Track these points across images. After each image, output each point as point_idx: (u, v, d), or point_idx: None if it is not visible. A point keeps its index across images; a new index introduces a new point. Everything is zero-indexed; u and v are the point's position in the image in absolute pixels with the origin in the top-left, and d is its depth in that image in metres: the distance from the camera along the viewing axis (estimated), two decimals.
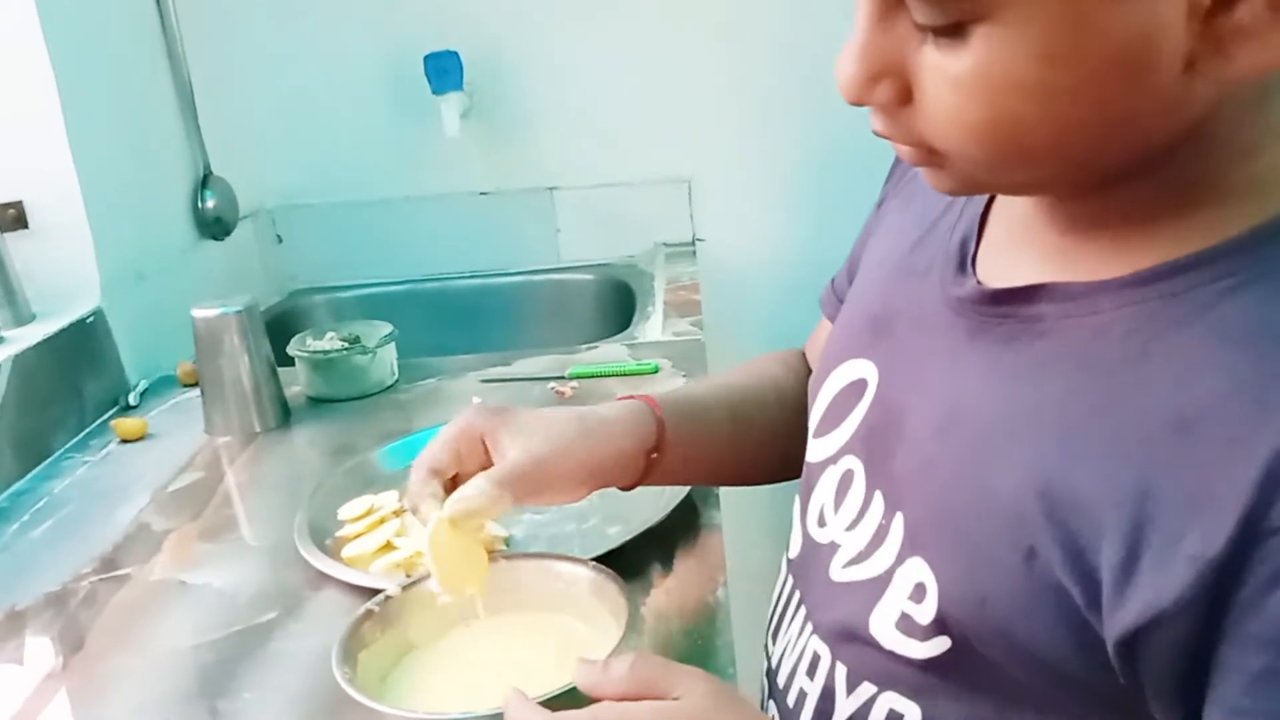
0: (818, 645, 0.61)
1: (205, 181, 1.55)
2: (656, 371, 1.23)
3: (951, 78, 0.45)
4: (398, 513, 0.92)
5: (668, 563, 0.83)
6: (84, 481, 1.09)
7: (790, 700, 0.63)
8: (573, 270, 1.74)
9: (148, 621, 0.82)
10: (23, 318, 1.22)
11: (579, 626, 0.73)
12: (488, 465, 0.69)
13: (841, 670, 0.59)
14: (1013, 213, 0.57)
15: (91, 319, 1.26)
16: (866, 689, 0.57)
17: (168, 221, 1.49)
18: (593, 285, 1.71)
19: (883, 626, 0.56)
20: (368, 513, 0.92)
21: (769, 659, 0.69)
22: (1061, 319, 0.51)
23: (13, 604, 0.85)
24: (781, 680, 0.65)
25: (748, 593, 0.95)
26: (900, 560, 0.55)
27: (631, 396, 0.77)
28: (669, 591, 0.80)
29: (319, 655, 0.74)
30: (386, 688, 0.67)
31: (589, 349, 1.34)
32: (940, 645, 0.52)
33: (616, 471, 0.72)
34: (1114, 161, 0.47)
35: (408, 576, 0.75)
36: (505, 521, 0.91)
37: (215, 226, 1.55)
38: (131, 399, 1.27)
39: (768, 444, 0.82)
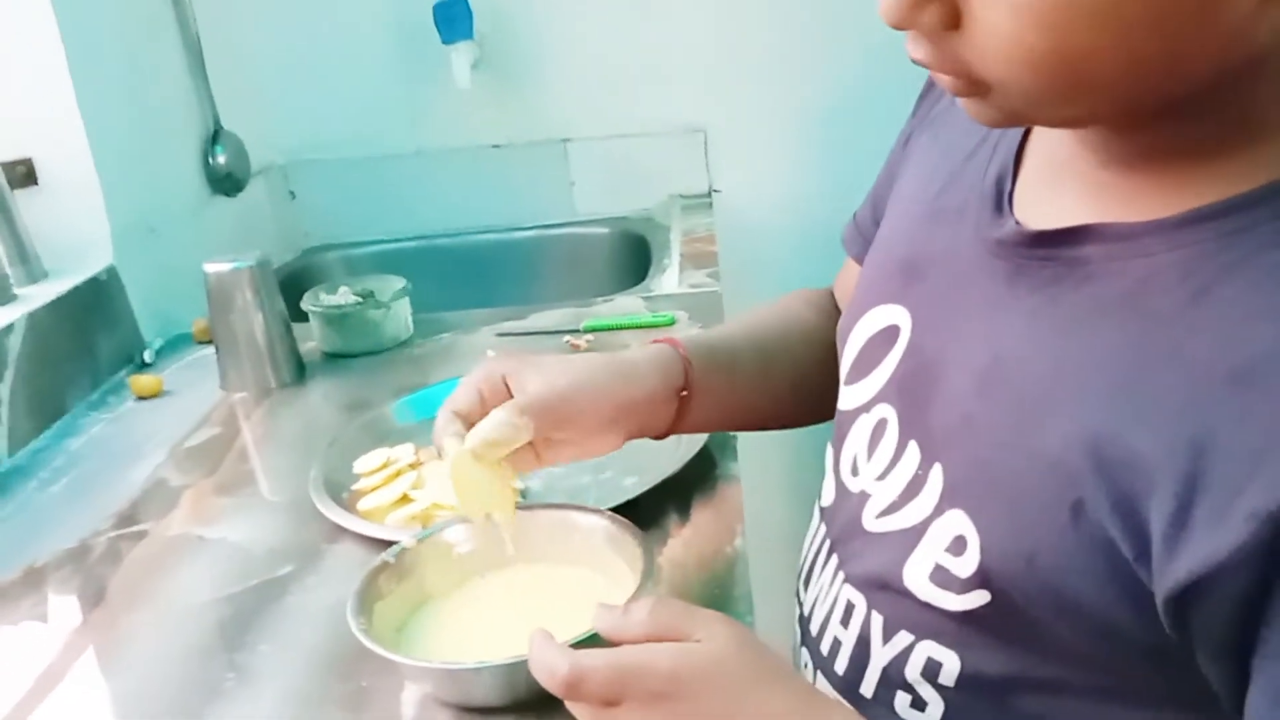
0: (851, 594, 0.61)
1: (216, 137, 1.53)
2: (673, 324, 1.22)
3: (1010, 2, 0.42)
4: (413, 465, 0.92)
5: (685, 513, 0.82)
6: (100, 439, 1.09)
7: (824, 648, 0.63)
8: (587, 224, 1.72)
9: (166, 576, 0.82)
10: (35, 275, 1.22)
11: (596, 577, 0.72)
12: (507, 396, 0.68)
13: (877, 619, 0.58)
14: (1053, 147, 0.55)
15: (104, 276, 1.25)
16: (903, 638, 0.56)
17: (179, 177, 1.48)
18: (608, 239, 1.69)
19: (917, 578, 0.55)
20: (384, 466, 0.92)
21: (800, 606, 0.69)
22: (1109, 262, 0.49)
23: (32, 560, 0.85)
24: (814, 628, 0.65)
25: (766, 545, 0.95)
26: (938, 512, 0.54)
27: (655, 341, 0.76)
28: (686, 542, 0.79)
29: (336, 608, 0.73)
30: (402, 638, 0.67)
31: (604, 302, 1.33)
32: (979, 599, 0.51)
33: (646, 410, 0.71)
34: (1175, 94, 0.45)
35: (424, 529, 0.75)
36: (522, 474, 0.90)
37: (227, 182, 1.54)
38: (146, 356, 1.27)
39: (797, 386, 0.81)
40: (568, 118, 1.69)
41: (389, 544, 0.72)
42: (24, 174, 1.24)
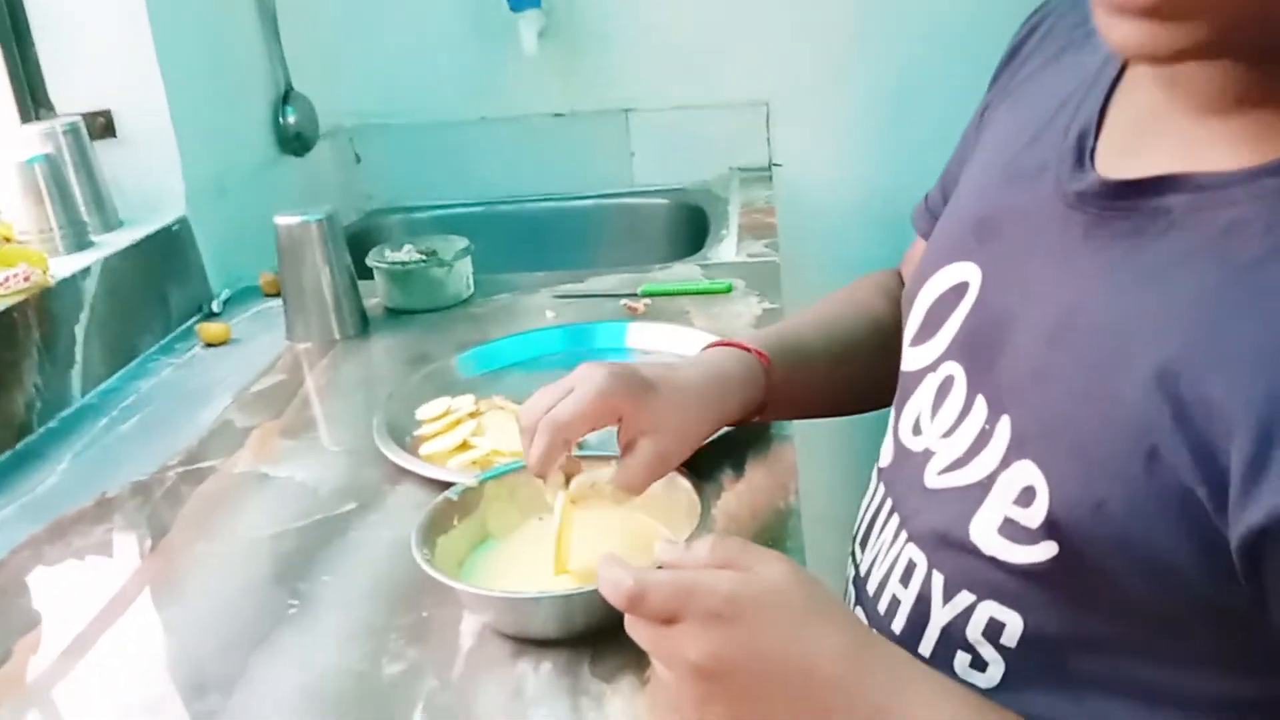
0: (913, 553, 0.61)
1: (286, 97, 1.56)
2: (729, 291, 1.23)
3: None
4: (473, 414, 0.94)
5: (739, 470, 0.83)
6: (170, 382, 1.12)
7: (881, 607, 0.63)
8: (646, 194, 1.73)
9: (232, 510, 0.84)
10: (111, 224, 1.25)
11: (651, 522, 0.74)
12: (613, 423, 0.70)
13: (938, 578, 0.59)
14: (1140, 102, 0.55)
15: (176, 227, 1.28)
16: (964, 598, 0.57)
17: (250, 135, 1.51)
18: (665, 209, 1.70)
19: (984, 532, 0.55)
20: (445, 414, 0.94)
21: (856, 567, 0.69)
22: (1191, 212, 0.48)
23: (103, 491, 0.89)
24: (871, 588, 0.65)
25: (815, 512, 0.95)
26: (1005, 464, 0.54)
27: (746, 348, 0.77)
28: (739, 495, 0.80)
29: (397, 544, 0.76)
30: (462, 573, 0.69)
31: (662, 269, 1.33)
32: (1046, 551, 0.51)
33: (729, 421, 0.75)
34: None
35: (484, 472, 0.76)
36: None
37: (296, 143, 1.57)
38: (215, 306, 1.30)
39: (866, 375, 0.82)
40: (630, 88, 1.70)
41: (449, 486, 0.74)
42: (103, 125, 1.28)
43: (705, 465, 0.82)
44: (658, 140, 1.72)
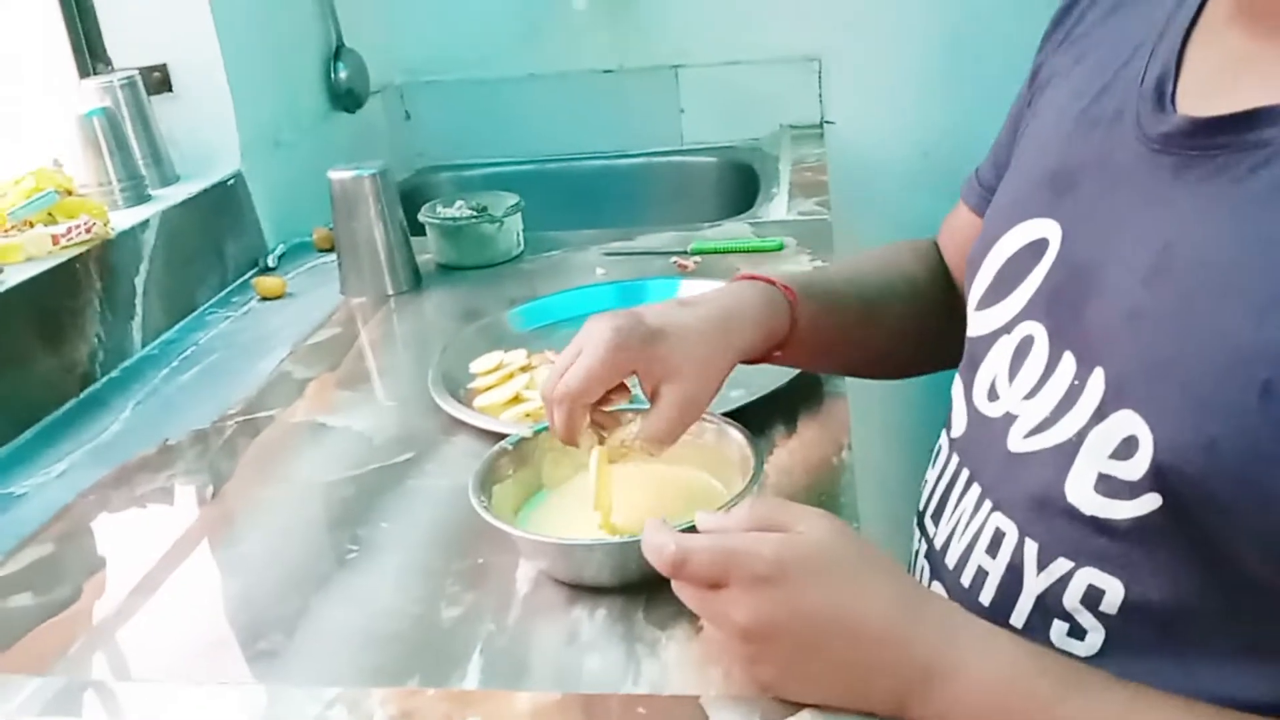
0: (1001, 522, 0.60)
1: (338, 53, 1.57)
2: (781, 249, 1.22)
3: None
4: (525, 368, 0.94)
5: (791, 426, 0.83)
6: (227, 334, 1.14)
7: (965, 580, 0.62)
8: (695, 152, 1.72)
9: (292, 457, 0.86)
10: (168, 178, 1.27)
11: (704, 476, 0.74)
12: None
13: (1031, 547, 0.57)
14: (1223, 42, 0.54)
15: (232, 182, 1.30)
16: (1061, 565, 0.55)
17: (302, 90, 1.52)
18: (715, 168, 1.69)
19: (1080, 491, 0.54)
20: (498, 367, 0.95)
21: (928, 540, 0.69)
22: None
23: (165, 438, 0.90)
24: (951, 560, 0.64)
25: (867, 481, 0.94)
26: (1099, 418, 0.53)
27: (772, 281, 0.74)
28: (792, 451, 0.80)
29: (453, 492, 0.77)
30: (517, 521, 0.70)
31: (711, 227, 1.33)
32: (1150, 503, 0.50)
33: (743, 359, 0.72)
34: None
35: (537, 424, 0.77)
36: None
37: (347, 98, 1.58)
38: (270, 261, 1.32)
39: (897, 338, 0.81)
40: (681, 44, 1.68)
41: (503, 437, 0.75)
42: (159, 80, 1.29)
43: (757, 420, 0.82)
44: (708, 97, 1.70)
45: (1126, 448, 0.51)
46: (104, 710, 0.59)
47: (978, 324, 0.67)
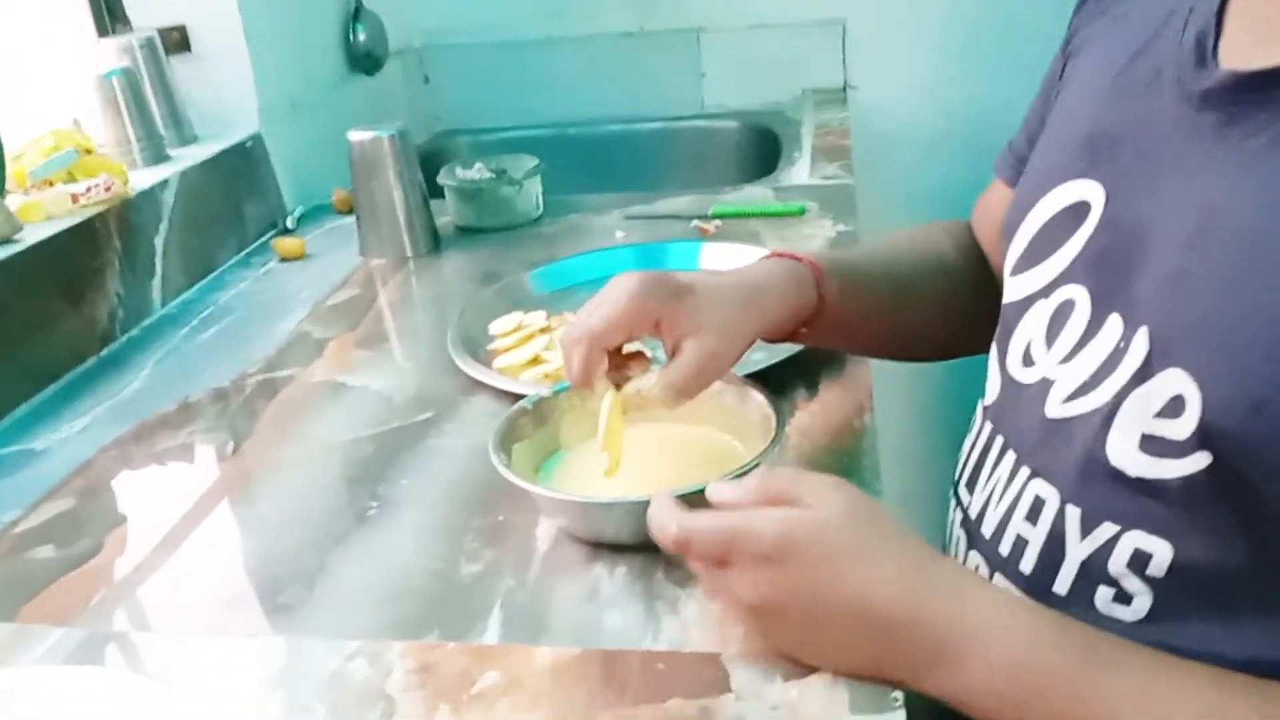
0: (1040, 489, 0.59)
1: (357, 15, 1.56)
2: (803, 213, 1.21)
3: None
4: (544, 330, 0.94)
5: (813, 388, 0.83)
6: (247, 294, 1.14)
7: (1004, 549, 0.61)
8: (716, 117, 1.70)
9: (311, 415, 0.86)
10: (187, 139, 1.27)
11: (724, 437, 0.74)
12: (655, 336, 0.67)
13: (1074, 512, 0.56)
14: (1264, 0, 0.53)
15: (250, 143, 1.29)
16: (1106, 529, 0.54)
17: (321, 52, 1.51)
18: (736, 132, 1.68)
19: (1124, 452, 0.53)
20: (517, 328, 0.94)
21: (963, 509, 0.68)
22: None
23: (185, 396, 0.90)
24: (989, 529, 0.63)
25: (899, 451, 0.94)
26: (1142, 377, 0.52)
27: (798, 258, 0.73)
28: (813, 414, 0.79)
29: (473, 451, 0.77)
30: (536, 479, 0.70)
31: (733, 191, 1.32)
32: (1199, 461, 0.49)
33: (771, 335, 0.71)
34: None
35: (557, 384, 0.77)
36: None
37: (366, 61, 1.57)
38: (289, 223, 1.32)
39: (929, 318, 0.80)
40: (703, 7, 1.67)
41: (522, 398, 0.74)
42: (178, 40, 1.29)
43: (778, 382, 0.81)
44: (729, 60, 1.69)
45: (1174, 407, 0.50)
46: (125, 660, 0.60)
47: (1012, 289, 0.66)
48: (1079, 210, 0.60)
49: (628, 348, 0.68)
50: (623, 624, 0.59)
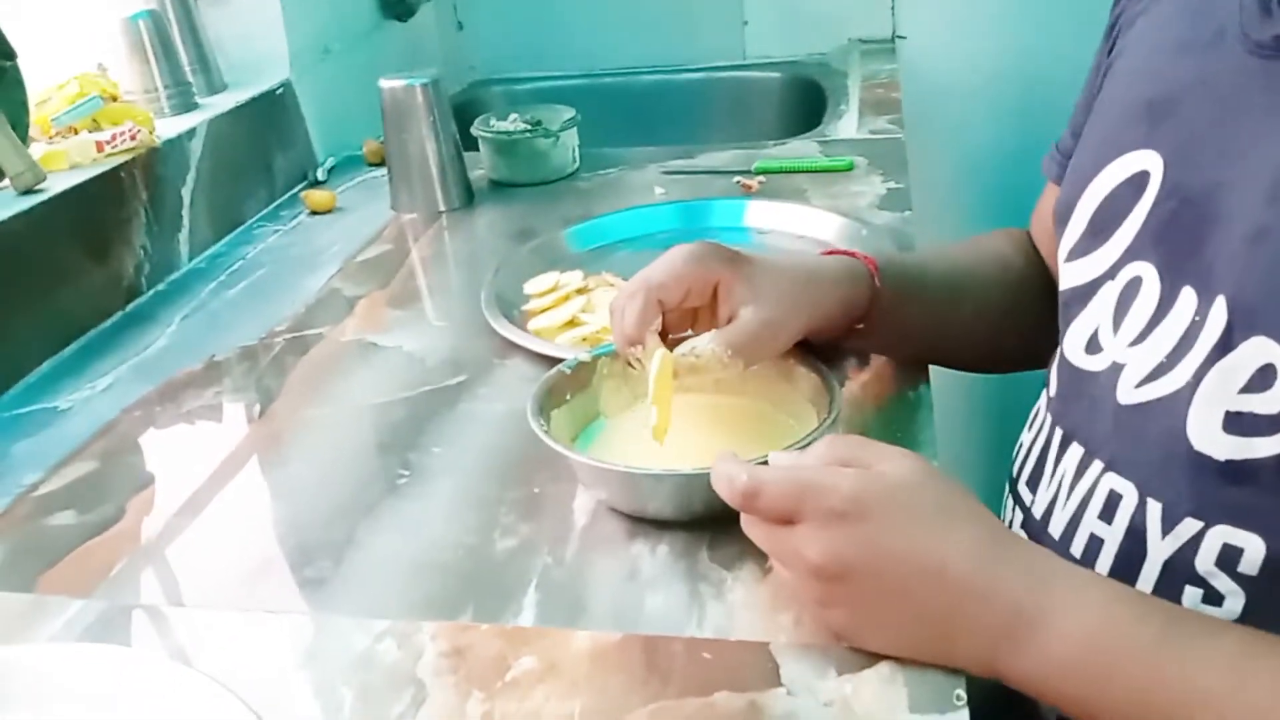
0: (1115, 483, 0.55)
1: None
2: (851, 168, 1.16)
3: None
4: (581, 291, 0.90)
5: (864, 361, 0.78)
6: (276, 248, 1.11)
7: (1076, 548, 0.58)
8: (758, 67, 1.65)
9: (341, 376, 0.83)
10: (215, 86, 1.23)
11: (770, 410, 0.70)
12: (712, 304, 0.66)
13: (1154, 508, 0.53)
14: None
15: (280, 91, 1.26)
16: (1190, 526, 0.51)
17: None
18: (779, 83, 1.62)
19: (1208, 435, 0.49)
20: (553, 288, 0.91)
21: (1024, 509, 0.64)
22: None
23: (212, 354, 0.88)
24: (1057, 529, 0.60)
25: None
26: (1223, 350, 0.49)
27: (854, 254, 0.71)
28: (865, 385, 0.76)
29: (508, 417, 0.73)
30: (575, 447, 0.66)
31: (776, 145, 1.27)
32: None
33: (818, 329, 0.69)
34: None
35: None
36: None
37: (399, 6, 1.52)
38: (319, 174, 1.28)
39: (987, 322, 0.77)
40: None
41: (559, 361, 0.71)
42: None
43: (828, 353, 0.77)
44: (773, 8, 1.63)
45: (1262, 379, 0.47)
46: (146, 635, 0.57)
47: (1072, 274, 0.62)
48: (1138, 181, 0.57)
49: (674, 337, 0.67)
50: (665, 607, 0.55)
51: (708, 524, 0.60)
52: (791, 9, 1.61)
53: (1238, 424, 0.48)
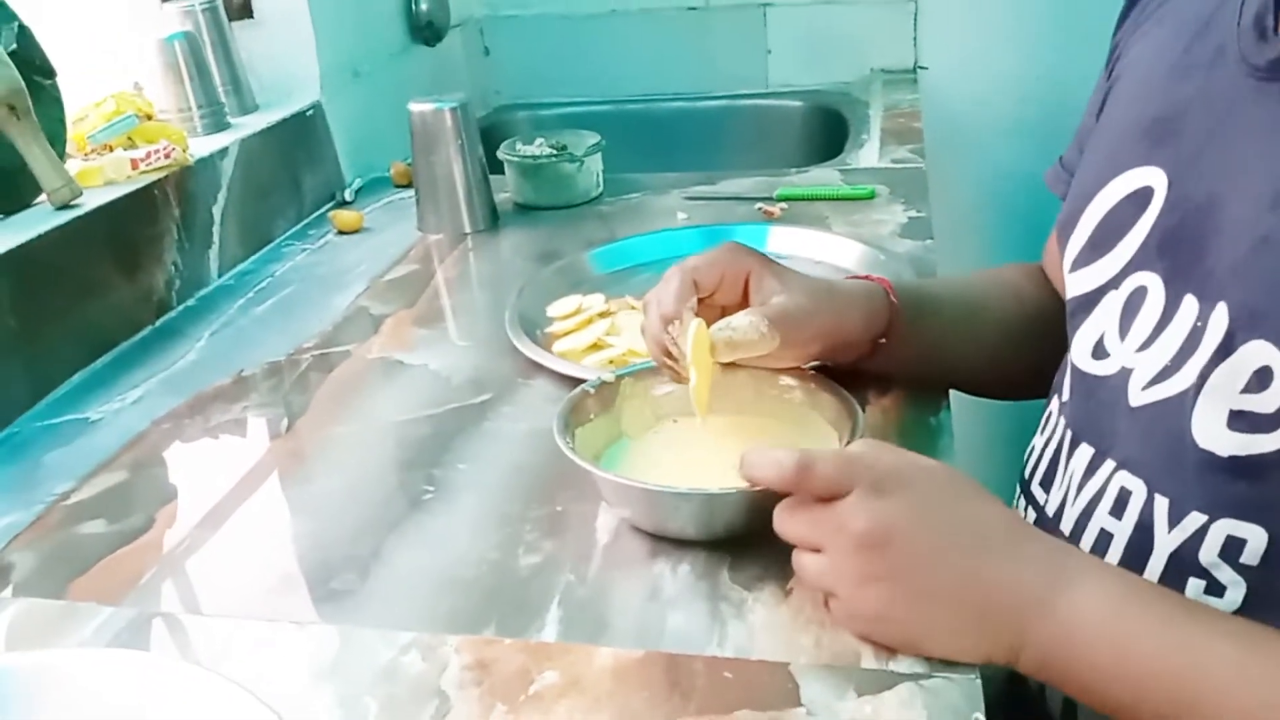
0: (1126, 480, 0.58)
1: None
2: (873, 197, 1.17)
3: None
4: (604, 314, 0.91)
5: (885, 385, 0.79)
6: (304, 267, 1.12)
7: (1086, 543, 0.60)
8: (780, 96, 1.66)
9: (367, 393, 0.84)
10: (247, 106, 1.25)
11: (791, 431, 0.71)
12: (743, 303, 0.69)
13: (1161, 504, 0.55)
14: None
15: (310, 112, 1.28)
16: (1195, 519, 0.54)
17: (382, 21, 1.49)
18: (801, 112, 1.64)
19: (1212, 432, 0.52)
20: (576, 311, 0.92)
21: (1037, 508, 0.67)
22: None
23: (240, 369, 0.89)
24: (1069, 526, 0.62)
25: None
26: (1224, 353, 0.51)
27: (867, 277, 0.75)
28: (885, 410, 0.76)
29: (533, 435, 0.74)
30: (599, 465, 0.67)
31: (799, 173, 1.28)
32: None
33: (843, 342, 0.71)
34: None
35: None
36: None
37: (427, 31, 1.55)
38: (347, 195, 1.30)
39: (1001, 350, 0.79)
40: None
41: (582, 382, 0.72)
42: (240, 6, 1.27)
43: (848, 377, 0.78)
44: (796, 38, 1.64)
45: (1260, 379, 0.49)
46: (174, 643, 0.58)
47: (1078, 283, 0.65)
48: (1141, 197, 0.60)
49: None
50: (686, 626, 0.56)
51: (729, 544, 0.61)
52: (814, 39, 1.63)
53: (1240, 422, 0.51)
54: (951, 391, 0.79)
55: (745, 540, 0.60)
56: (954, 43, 1.60)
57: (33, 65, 0.93)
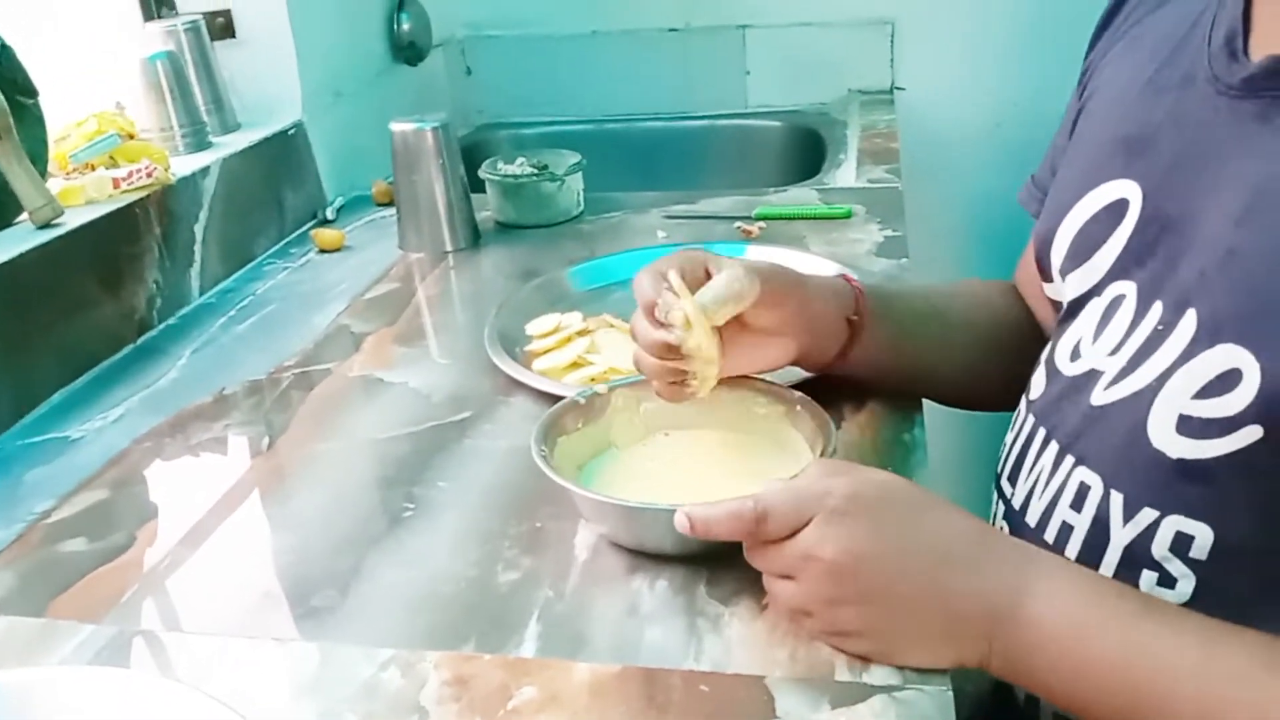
0: (1085, 476, 0.60)
1: (401, 4, 1.55)
2: (849, 216, 1.18)
3: None
4: (583, 332, 0.92)
5: (861, 402, 0.80)
6: (285, 285, 1.13)
7: (1049, 536, 0.62)
8: (759, 116, 1.68)
9: (348, 411, 0.84)
10: (229, 125, 1.26)
11: (772, 448, 0.72)
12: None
13: (1117, 499, 0.58)
14: None
15: (292, 131, 1.28)
16: (1147, 515, 0.56)
17: (364, 41, 1.50)
18: (780, 132, 1.65)
19: (1164, 434, 0.54)
20: (555, 329, 0.92)
21: (1006, 501, 0.69)
22: None
23: (221, 388, 0.89)
24: (1033, 518, 0.64)
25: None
26: (1187, 357, 0.53)
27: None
28: (862, 427, 0.77)
29: (512, 453, 0.75)
30: (580, 477, 0.68)
31: (777, 192, 1.29)
32: (1248, 437, 0.50)
33: (822, 326, 0.72)
34: None
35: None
36: None
37: (409, 50, 1.56)
38: (329, 213, 1.31)
39: (974, 355, 0.80)
40: (748, 3, 1.64)
41: (561, 399, 0.72)
42: (222, 25, 1.28)
43: (826, 397, 0.79)
44: (775, 59, 1.66)
45: (1223, 383, 0.51)
46: (155, 661, 0.58)
47: (1064, 291, 0.67)
48: (1117, 208, 0.62)
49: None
50: (663, 641, 0.57)
51: (706, 559, 0.62)
52: (793, 60, 1.65)
53: (1187, 427, 0.53)
54: (927, 403, 0.81)
55: (722, 556, 0.61)
56: (930, 64, 1.62)
57: (14, 84, 0.94)
